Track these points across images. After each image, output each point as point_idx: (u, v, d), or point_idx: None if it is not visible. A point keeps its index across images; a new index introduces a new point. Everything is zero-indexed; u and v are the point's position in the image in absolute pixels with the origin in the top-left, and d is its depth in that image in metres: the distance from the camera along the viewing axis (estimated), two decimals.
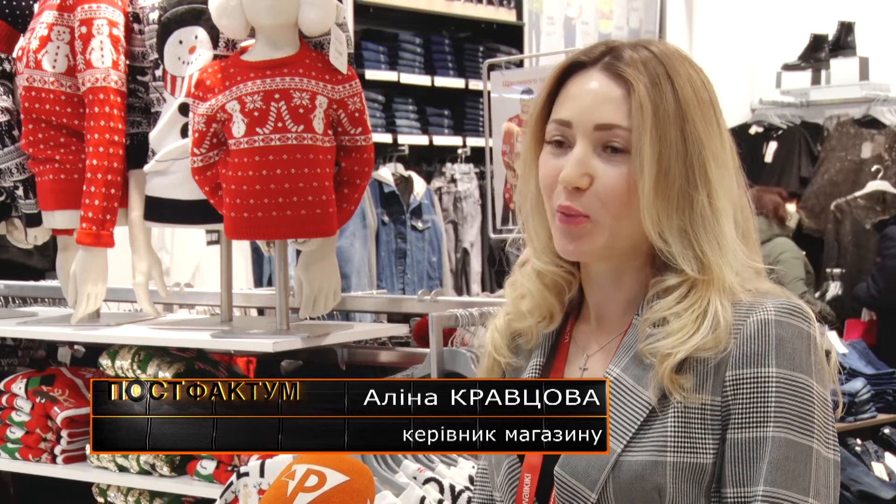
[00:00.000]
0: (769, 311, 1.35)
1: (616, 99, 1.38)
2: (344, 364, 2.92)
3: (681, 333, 1.35)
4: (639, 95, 1.36)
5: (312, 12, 2.51)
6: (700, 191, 1.37)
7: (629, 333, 1.43)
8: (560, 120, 1.41)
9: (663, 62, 1.39)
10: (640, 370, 1.39)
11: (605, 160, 1.38)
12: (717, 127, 1.40)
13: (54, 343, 3.30)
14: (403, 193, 5.75)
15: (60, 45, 2.80)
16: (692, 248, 1.37)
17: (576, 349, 1.49)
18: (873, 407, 4.72)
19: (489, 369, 1.54)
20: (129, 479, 2.80)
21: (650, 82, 1.37)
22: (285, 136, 2.49)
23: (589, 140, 1.38)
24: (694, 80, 1.41)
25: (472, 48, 6.32)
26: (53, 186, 2.82)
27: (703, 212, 1.37)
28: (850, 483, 4.27)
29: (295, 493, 1.36)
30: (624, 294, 1.45)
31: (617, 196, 1.37)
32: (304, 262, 2.75)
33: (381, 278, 5.66)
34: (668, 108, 1.36)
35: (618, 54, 1.40)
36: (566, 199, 1.38)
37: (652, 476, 1.35)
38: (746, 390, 1.34)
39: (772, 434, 1.32)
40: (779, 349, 1.33)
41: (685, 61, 1.42)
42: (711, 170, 1.38)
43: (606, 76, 1.40)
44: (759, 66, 7.95)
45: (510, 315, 1.53)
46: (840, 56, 7.47)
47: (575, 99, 1.40)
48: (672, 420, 1.36)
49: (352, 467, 1.39)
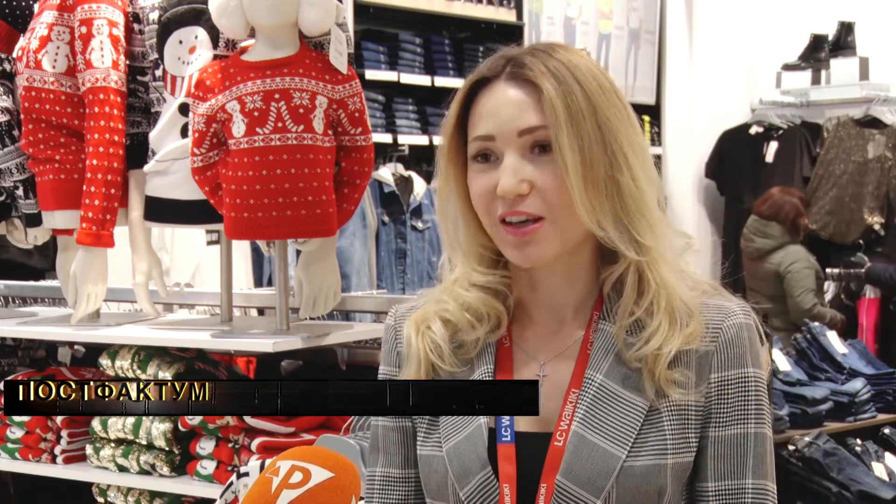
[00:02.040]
0: (739, 315, 1.44)
1: (530, 103, 1.41)
2: (344, 364, 2.92)
3: (661, 332, 1.40)
4: (548, 95, 1.39)
5: (312, 12, 2.51)
6: (624, 174, 1.40)
7: (596, 337, 1.44)
8: (482, 136, 1.43)
9: (561, 60, 1.42)
10: (625, 374, 1.41)
11: (536, 163, 1.40)
12: (625, 112, 1.44)
13: (54, 343, 3.30)
14: (403, 193, 5.75)
15: (60, 45, 2.79)
16: (627, 231, 1.41)
17: (521, 355, 1.48)
18: (873, 407, 4.72)
19: (420, 372, 1.49)
20: (129, 479, 2.81)
21: (556, 81, 1.40)
22: (285, 136, 2.49)
23: (516, 147, 1.41)
24: (593, 72, 1.43)
25: (472, 48, 6.31)
26: (53, 186, 2.82)
27: (632, 193, 1.41)
28: (850, 483, 4.27)
29: (279, 490, 1.35)
30: (576, 294, 1.47)
31: (557, 193, 1.39)
32: (304, 262, 2.75)
33: (381, 278, 5.66)
34: (578, 102, 1.39)
35: (518, 62, 1.43)
36: (510, 206, 1.40)
37: (655, 479, 1.38)
38: (732, 390, 1.42)
39: (753, 430, 1.42)
40: (751, 349, 1.43)
41: (578, 55, 1.45)
42: (629, 152, 1.41)
43: (514, 84, 1.43)
44: (759, 66, 7.95)
45: (456, 325, 1.49)
46: (840, 56, 7.47)
47: (491, 113, 1.43)
48: (668, 422, 1.40)
49: (337, 463, 1.38)
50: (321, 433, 2.55)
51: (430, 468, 1.48)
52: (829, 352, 4.84)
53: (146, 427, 2.74)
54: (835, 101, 7.49)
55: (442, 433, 1.47)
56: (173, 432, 2.72)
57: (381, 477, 1.54)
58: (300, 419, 2.66)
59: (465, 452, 1.43)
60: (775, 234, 6.22)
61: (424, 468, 1.49)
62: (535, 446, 1.41)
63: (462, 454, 1.44)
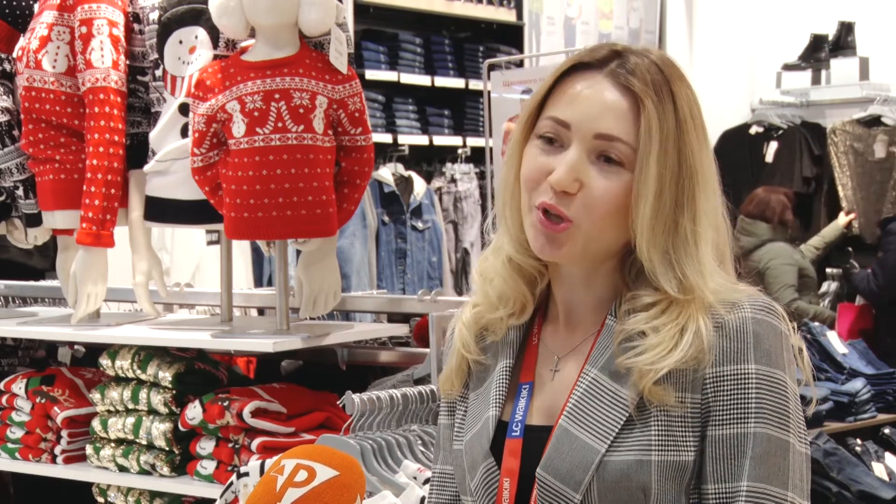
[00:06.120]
0: (745, 309, 1.37)
1: (621, 111, 1.37)
2: (344, 364, 2.92)
3: (659, 349, 1.35)
4: (648, 114, 1.36)
5: (312, 12, 2.51)
6: (685, 214, 1.37)
7: (603, 335, 1.43)
8: (558, 119, 1.40)
9: (667, 78, 1.38)
10: (616, 370, 1.39)
11: (598, 169, 1.37)
12: (707, 149, 1.41)
13: (54, 343, 3.31)
14: (403, 193, 5.75)
15: (60, 45, 2.79)
16: (673, 269, 1.37)
17: (545, 351, 1.48)
18: (873, 407, 4.72)
19: (457, 368, 1.52)
20: (129, 479, 2.80)
21: (657, 99, 1.36)
22: (285, 136, 2.49)
23: (585, 146, 1.38)
24: (690, 100, 1.41)
25: (472, 48, 6.32)
26: (53, 186, 2.82)
27: (686, 236, 1.38)
28: (850, 483, 4.26)
29: (284, 488, 1.35)
30: (593, 295, 1.45)
31: (605, 207, 1.37)
32: (304, 262, 2.75)
33: (381, 278, 5.66)
34: (669, 128, 1.36)
35: (626, 64, 1.39)
36: (552, 198, 1.38)
37: (637, 476, 1.35)
38: (727, 387, 1.35)
39: (753, 430, 1.34)
40: (756, 346, 1.36)
41: (683, 78, 1.42)
42: (699, 193, 1.38)
43: (612, 84, 1.39)
44: (759, 66, 7.95)
45: (480, 306, 1.50)
46: (840, 56, 7.46)
47: (577, 101, 1.39)
48: (655, 419, 1.36)
49: (341, 462, 1.38)
50: (321, 433, 2.55)
51: (455, 462, 1.50)
52: (829, 352, 4.84)
53: (146, 427, 2.74)
54: (835, 101, 7.48)
55: (465, 427, 1.49)
56: (173, 432, 2.72)
57: (439, 473, 1.56)
58: (300, 419, 2.66)
59: (475, 445, 1.45)
60: (758, 232, 6.25)
61: (454, 463, 1.51)
62: (539, 440, 1.41)
63: (473, 447, 1.45)
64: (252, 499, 1.36)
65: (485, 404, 1.47)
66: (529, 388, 1.45)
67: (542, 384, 1.46)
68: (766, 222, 6.24)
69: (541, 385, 1.46)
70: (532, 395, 1.45)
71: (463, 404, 1.52)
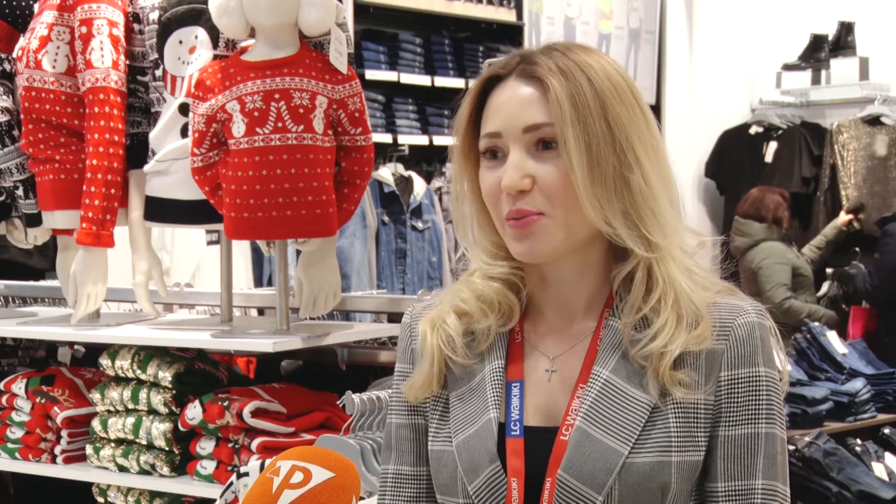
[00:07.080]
0: (751, 314, 1.44)
1: (535, 99, 1.42)
2: (344, 364, 2.92)
3: (667, 329, 1.40)
4: (554, 91, 1.40)
5: (312, 12, 2.51)
6: (634, 171, 1.41)
7: (605, 333, 1.44)
8: (490, 133, 1.45)
9: (572, 58, 1.43)
10: (630, 371, 1.41)
11: (540, 159, 1.42)
12: (638, 109, 1.44)
13: (54, 343, 3.30)
14: (403, 193, 5.75)
15: (60, 45, 2.80)
16: (637, 228, 1.42)
17: (531, 350, 1.49)
18: (873, 407, 4.72)
19: (437, 372, 1.49)
20: (129, 479, 2.80)
21: (563, 77, 1.41)
22: (285, 136, 2.49)
23: (521, 144, 1.42)
24: (606, 69, 1.44)
25: (472, 48, 6.31)
26: (53, 186, 2.82)
27: (642, 191, 1.41)
28: (850, 483, 4.27)
29: (280, 490, 1.35)
30: (587, 290, 1.48)
31: (560, 189, 1.40)
32: (304, 262, 2.75)
33: (381, 278, 5.66)
34: (586, 99, 1.40)
35: (530, 60, 1.45)
36: (514, 203, 1.41)
37: (659, 476, 1.38)
38: (742, 389, 1.41)
39: (764, 430, 1.41)
40: (763, 349, 1.43)
41: (595, 53, 1.46)
42: (640, 151, 1.42)
43: (522, 81, 1.44)
44: (759, 66, 7.95)
45: (470, 316, 1.50)
46: (840, 56, 7.47)
47: (499, 109, 1.45)
48: (673, 419, 1.39)
49: (337, 464, 1.38)
50: (321, 433, 2.55)
51: (440, 463, 1.48)
52: (829, 352, 4.84)
53: (146, 427, 2.74)
54: (835, 101, 7.49)
55: (452, 428, 1.47)
56: (173, 432, 2.72)
57: (393, 474, 1.54)
58: (300, 419, 2.66)
59: (474, 447, 1.44)
60: (752, 232, 6.26)
61: (435, 463, 1.49)
62: (543, 441, 1.41)
63: (472, 449, 1.44)
64: (248, 500, 1.36)
65: (478, 405, 1.46)
66: (521, 387, 1.46)
67: (535, 384, 1.46)
68: (761, 222, 6.25)
69: (534, 385, 1.46)
70: (524, 394, 1.46)
71: (437, 405, 1.50)
